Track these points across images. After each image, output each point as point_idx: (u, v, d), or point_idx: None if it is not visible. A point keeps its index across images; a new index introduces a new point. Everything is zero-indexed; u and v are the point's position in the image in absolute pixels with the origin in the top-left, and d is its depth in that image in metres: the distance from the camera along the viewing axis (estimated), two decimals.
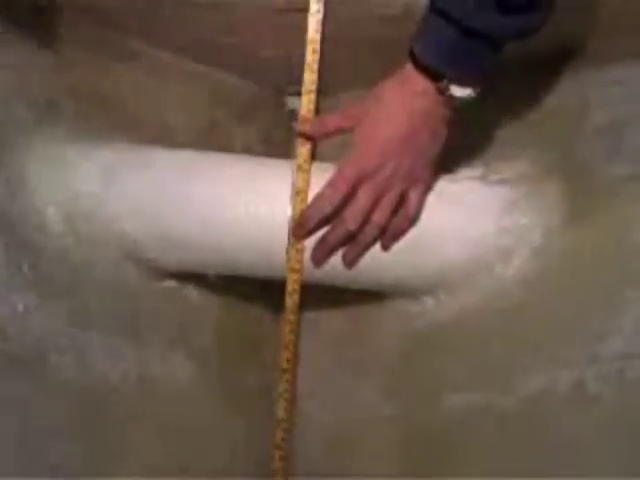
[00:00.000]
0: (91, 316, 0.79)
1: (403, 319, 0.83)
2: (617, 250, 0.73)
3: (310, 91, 0.81)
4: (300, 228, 0.77)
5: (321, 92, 0.81)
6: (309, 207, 0.77)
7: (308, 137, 0.80)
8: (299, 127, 0.80)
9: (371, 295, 0.83)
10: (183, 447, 0.82)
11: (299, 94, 0.88)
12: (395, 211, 0.76)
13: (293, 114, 0.92)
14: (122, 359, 0.80)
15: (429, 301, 0.81)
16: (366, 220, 0.76)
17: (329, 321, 0.87)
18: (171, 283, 0.84)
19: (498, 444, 0.75)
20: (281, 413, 0.83)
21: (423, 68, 0.72)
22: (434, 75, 0.71)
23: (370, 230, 0.76)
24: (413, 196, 0.76)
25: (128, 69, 0.83)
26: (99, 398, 0.78)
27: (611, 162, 0.75)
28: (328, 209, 0.76)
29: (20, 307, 0.75)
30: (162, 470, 0.79)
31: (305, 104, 0.81)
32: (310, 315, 0.87)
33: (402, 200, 0.76)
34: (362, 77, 0.82)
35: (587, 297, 0.74)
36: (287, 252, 0.78)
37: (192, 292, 0.84)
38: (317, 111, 0.82)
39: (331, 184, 0.76)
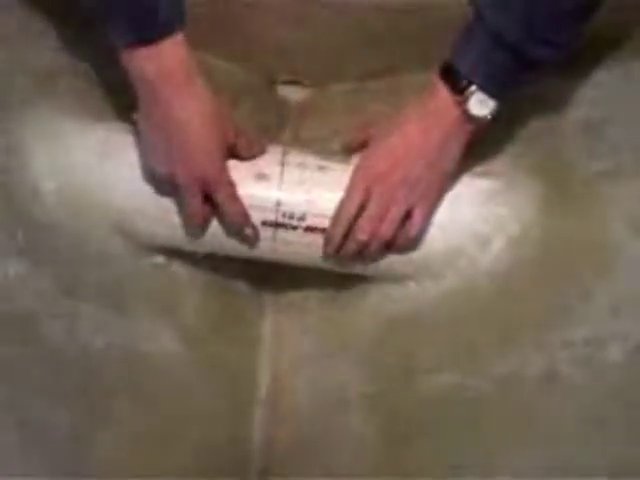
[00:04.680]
0: (81, 286, 0.81)
1: (387, 302, 0.85)
2: (589, 242, 0.78)
3: None
4: (329, 245, 0.80)
5: (314, 83, 0.84)
6: (332, 224, 0.79)
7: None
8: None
9: (356, 278, 0.86)
10: (164, 419, 0.83)
11: (291, 83, 0.91)
12: (400, 226, 0.79)
13: (284, 101, 0.95)
14: (109, 330, 0.81)
15: (412, 286, 0.84)
16: (375, 231, 0.78)
17: (313, 302, 0.89)
18: (159, 259, 0.85)
19: (471, 424, 0.78)
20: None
21: (452, 75, 0.75)
22: (459, 85, 0.74)
23: (375, 244, 0.79)
24: (418, 215, 0.79)
25: None
26: (85, 366, 0.79)
27: (590, 159, 0.80)
28: (346, 219, 0.78)
29: (12, 273, 0.77)
30: (144, 439, 0.81)
31: None
32: (294, 295, 0.90)
33: (408, 216, 0.79)
34: (356, 69, 0.84)
35: (559, 285, 0.78)
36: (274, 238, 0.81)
37: (179, 269, 0.86)
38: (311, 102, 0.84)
39: (346, 194, 0.79)
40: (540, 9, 0.72)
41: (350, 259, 0.81)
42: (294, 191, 0.80)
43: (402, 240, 0.80)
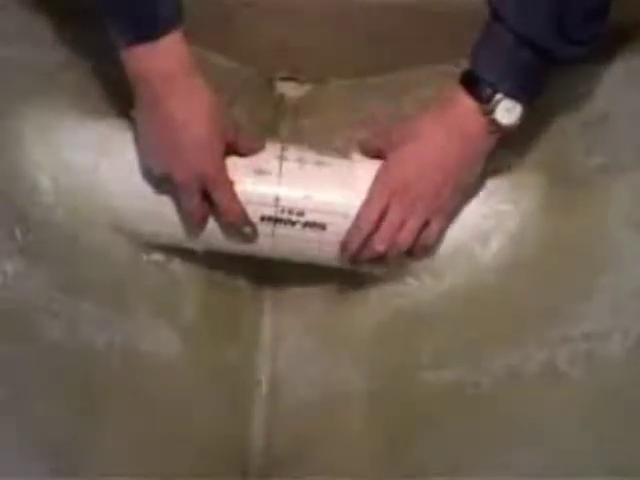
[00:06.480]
0: (80, 285, 0.80)
1: (387, 299, 0.85)
2: (589, 238, 0.78)
3: None
4: (345, 251, 0.80)
5: (312, 80, 0.84)
6: (349, 232, 0.79)
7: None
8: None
9: (356, 275, 0.86)
10: (164, 419, 0.83)
11: (289, 79, 0.91)
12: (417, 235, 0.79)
13: (282, 98, 0.95)
14: (109, 329, 0.81)
15: (413, 282, 0.84)
16: (392, 242, 0.78)
17: (313, 299, 0.89)
18: (158, 257, 0.85)
19: (472, 422, 0.78)
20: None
21: (476, 84, 0.74)
22: (484, 93, 0.73)
23: (392, 254, 0.79)
24: (434, 227, 0.79)
25: None
26: (85, 365, 0.79)
27: (590, 155, 0.80)
28: (367, 229, 0.78)
29: (10, 271, 0.77)
30: (143, 439, 0.81)
31: None
32: (294, 292, 0.89)
33: (425, 224, 0.78)
34: (354, 66, 0.84)
35: (559, 281, 0.78)
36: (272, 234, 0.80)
37: (179, 266, 0.86)
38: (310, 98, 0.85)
39: (367, 204, 0.78)
40: (569, 7, 0.70)
41: (366, 266, 0.81)
42: (293, 186, 0.80)
43: (418, 248, 0.80)
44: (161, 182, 0.80)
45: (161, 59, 0.72)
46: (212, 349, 0.86)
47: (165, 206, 0.81)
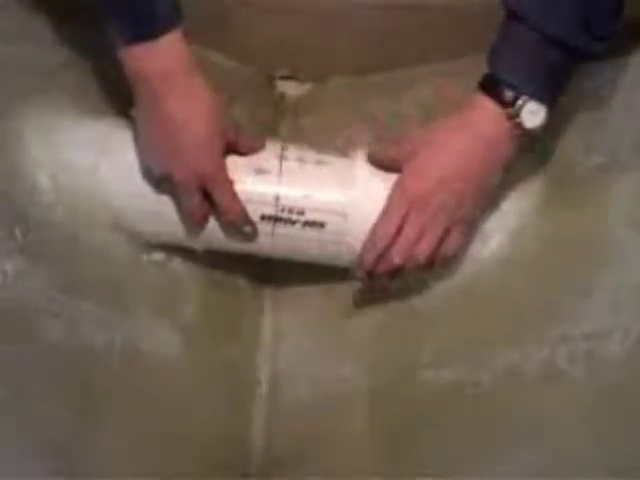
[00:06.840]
0: (80, 284, 0.80)
1: (387, 297, 0.85)
2: (589, 237, 0.78)
3: None
4: (360, 269, 0.79)
5: (312, 78, 0.84)
6: (365, 246, 0.78)
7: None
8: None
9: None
10: (164, 419, 0.83)
11: (289, 78, 0.91)
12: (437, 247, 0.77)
13: (282, 97, 0.95)
14: (109, 328, 0.81)
15: (412, 281, 0.83)
16: (410, 254, 0.77)
17: (313, 298, 0.89)
18: (158, 256, 0.85)
19: (472, 421, 0.78)
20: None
21: (497, 87, 0.73)
22: (506, 97, 0.72)
23: (409, 267, 0.78)
24: (454, 237, 0.77)
25: None
26: (84, 366, 0.79)
27: (589, 152, 0.79)
28: (383, 243, 0.77)
29: (10, 271, 0.77)
30: (143, 439, 0.81)
31: None
32: (294, 292, 0.89)
33: (445, 233, 0.77)
34: (355, 64, 0.84)
35: (559, 280, 0.78)
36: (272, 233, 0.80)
37: (179, 265, 0.85)
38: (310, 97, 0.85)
39: (384, 217, 0.77)
40: (596, 4, 0.70)
41: (383, 280, 0.80)
42: (293, 185, 0.80)
43: (439, 260, 0.78)
44: (161, 181, 0.80)
45: (160, 58, 0.72)
46: (212, 349, 0.86)
47: (165, 205, 0.81)
